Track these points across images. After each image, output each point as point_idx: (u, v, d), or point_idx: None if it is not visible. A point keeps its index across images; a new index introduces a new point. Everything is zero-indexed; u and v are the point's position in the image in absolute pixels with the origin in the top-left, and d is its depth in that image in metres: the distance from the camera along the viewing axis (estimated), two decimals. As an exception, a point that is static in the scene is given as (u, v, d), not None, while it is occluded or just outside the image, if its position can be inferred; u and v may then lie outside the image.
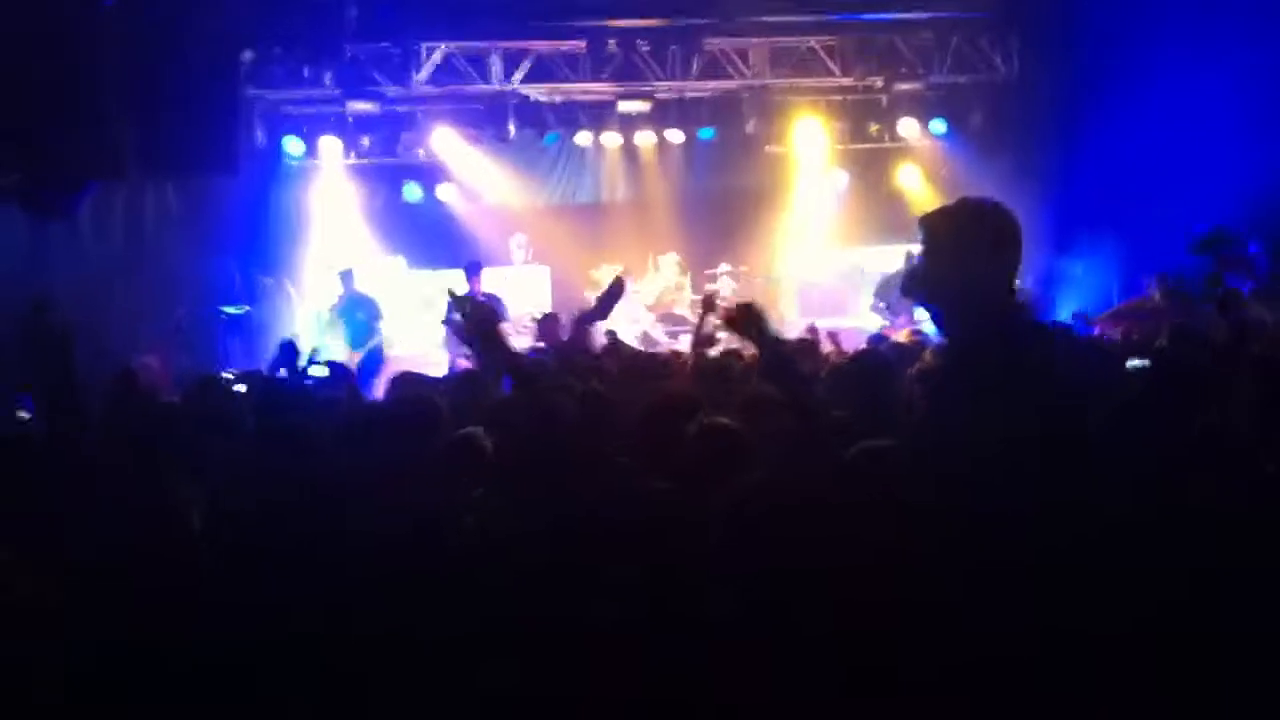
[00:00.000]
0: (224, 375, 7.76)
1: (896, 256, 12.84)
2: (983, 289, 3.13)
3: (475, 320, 4.82)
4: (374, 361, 12.03)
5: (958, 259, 3.16)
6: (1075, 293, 12.52)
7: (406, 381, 5.96)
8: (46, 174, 8.58)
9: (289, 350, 6.54)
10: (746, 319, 3.92)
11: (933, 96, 14.35)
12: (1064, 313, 11.90)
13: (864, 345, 7.98)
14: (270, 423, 4.85)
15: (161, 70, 9.68)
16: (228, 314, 12.82)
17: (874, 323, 12.37)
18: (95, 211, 10.60)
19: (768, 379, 4.12)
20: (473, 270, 12.06)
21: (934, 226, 3.24)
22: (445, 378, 6.95)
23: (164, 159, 10.32)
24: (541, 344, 8.63)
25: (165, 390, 8.00)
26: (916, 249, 3.32)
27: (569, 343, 6.67)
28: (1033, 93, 13.42)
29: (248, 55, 12.13)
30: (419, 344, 13.08)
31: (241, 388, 6.51)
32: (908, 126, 14.53)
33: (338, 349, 11.92)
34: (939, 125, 14.46)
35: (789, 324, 13.38)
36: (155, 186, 11.61)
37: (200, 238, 12.38)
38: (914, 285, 3.33)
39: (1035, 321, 3.26)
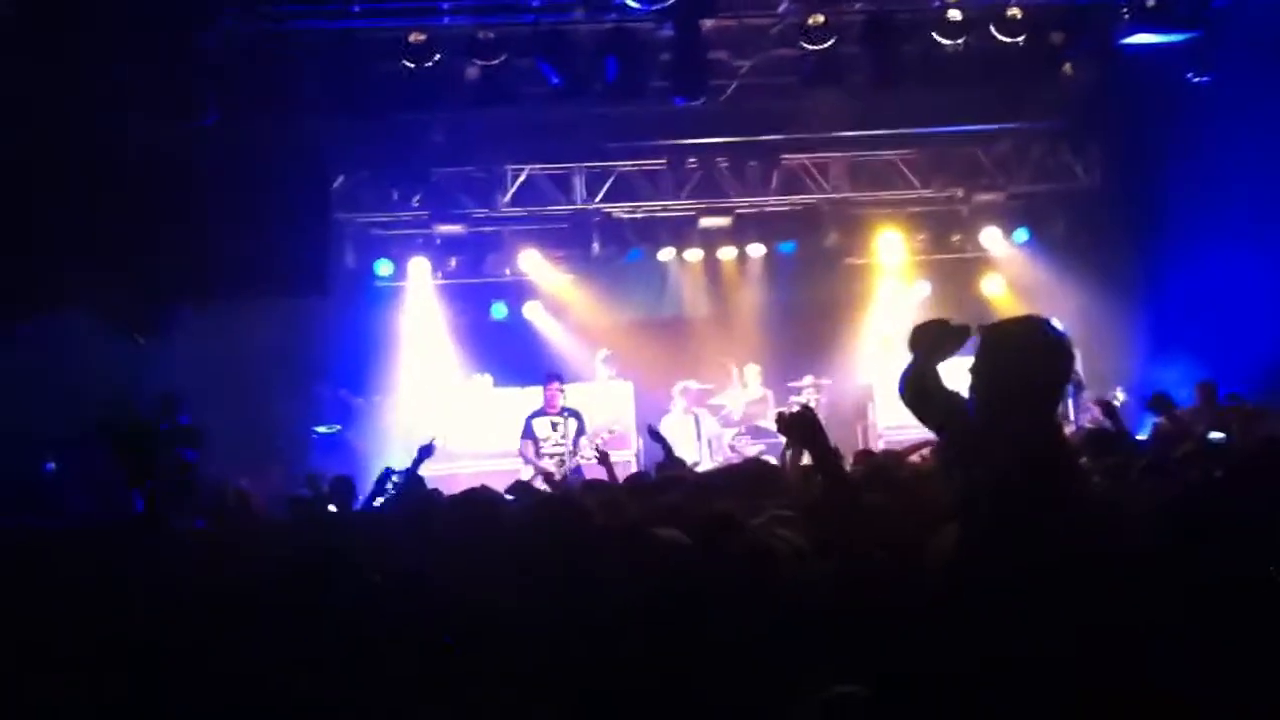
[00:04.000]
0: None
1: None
2: (1022, 414, 3.08)
3: None
4: None
5: (1001, 382, 3.13)
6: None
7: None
8: (137, 293, 8.81)
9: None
10: (798, 425, 3.91)
11: (1014, 206, 14.32)
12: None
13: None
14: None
15: (255, 193, 9.99)
16: (320, 434, 13.07)
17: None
18: (190, 332, 10.89)
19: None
20: (548, 381, 12.07)
21: (992, 344, 3.20)
22: None
23: (256, 281, 10.59)
24: None
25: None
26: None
27: None
28: (1115, 200, 13.34)
29: (339, 180, 12.51)
30: (500, 461, 13.06)
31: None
32: (990, 236, 14.49)
33: None
34: (1021, 234, 14.40)
35: (875, 434, 13.29)
36: (249, 308, 11.87)
37: (293, 358, 12.65)
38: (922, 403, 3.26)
39: (1069, 453, 3.20)
